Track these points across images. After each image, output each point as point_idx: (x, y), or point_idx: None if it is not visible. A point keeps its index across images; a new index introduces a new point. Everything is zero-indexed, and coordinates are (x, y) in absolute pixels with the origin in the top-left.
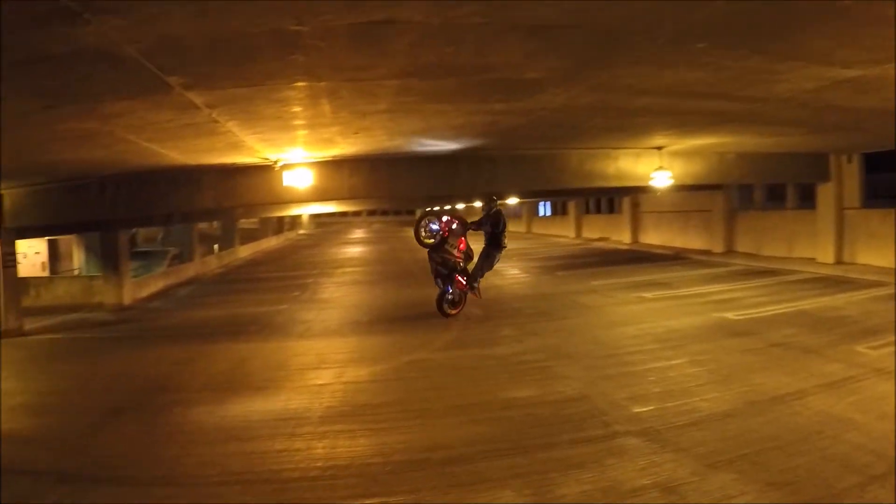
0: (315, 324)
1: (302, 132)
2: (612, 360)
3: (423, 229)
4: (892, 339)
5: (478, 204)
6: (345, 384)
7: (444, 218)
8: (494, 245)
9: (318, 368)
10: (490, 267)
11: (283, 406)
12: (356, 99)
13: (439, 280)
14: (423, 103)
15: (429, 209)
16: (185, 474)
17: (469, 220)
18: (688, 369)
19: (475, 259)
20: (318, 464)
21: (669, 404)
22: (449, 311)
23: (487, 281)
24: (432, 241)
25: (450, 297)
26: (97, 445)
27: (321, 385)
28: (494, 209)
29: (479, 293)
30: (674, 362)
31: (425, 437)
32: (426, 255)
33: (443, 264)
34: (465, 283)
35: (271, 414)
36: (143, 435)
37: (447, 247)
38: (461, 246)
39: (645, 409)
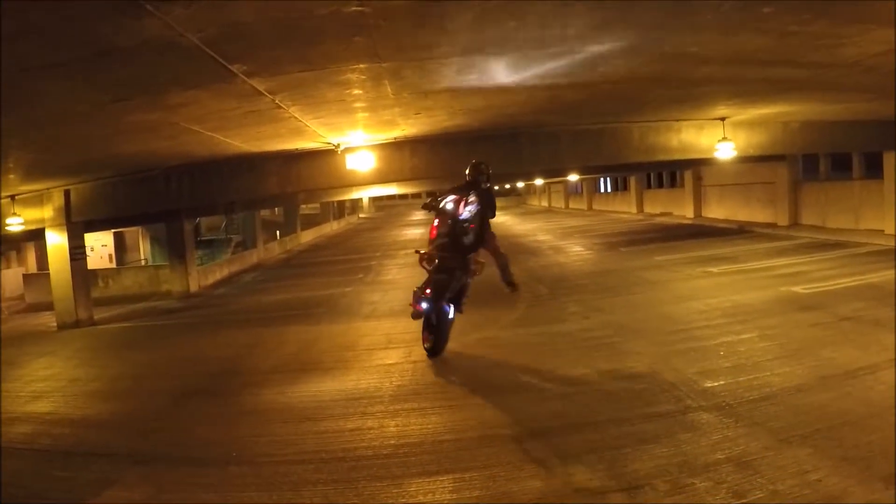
0: (380, 305)
1: (363, 115)
2: (679, 335)
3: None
4: None
5: (536, 182)
6: (414, 363)
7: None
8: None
9: (387, 348)
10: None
11: (354, 386)
12: (418, 79)
13: (446, 305)
14: (484, 80)
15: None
16: (259, 453)
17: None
18: (757, 344)
19: None
20: (391, 441)
21: (741, 379)
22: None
23: (550, 258)
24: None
25: (451, 318)
26: (171, 428)
27: (390, 364)
28: (486, 185)
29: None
30: (743, 337)
31: (495, 415)
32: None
33: (465, 271)
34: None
35: (342, 394)
36: (216, 417)
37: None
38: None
39: (716, 384)
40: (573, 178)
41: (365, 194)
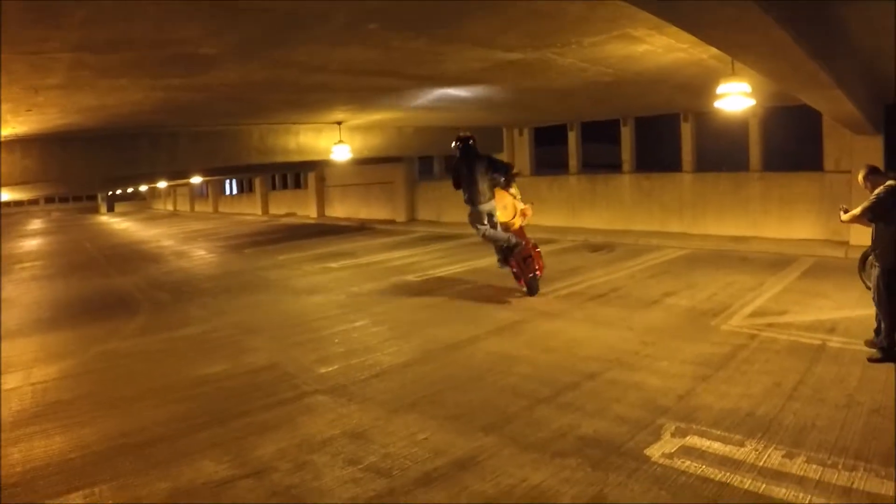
0: None
1: None
2: (298, 328)
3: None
4: (554, 287)
5: (161, 185)
6: (33, 385)
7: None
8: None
9: (5, 373)
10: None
11: None
12: (28, 74)
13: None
14: (98, 78)
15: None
16: None
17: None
18: (370, 329)
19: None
20: (17, 469)
21: (353, 361)
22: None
23: (173, 264)
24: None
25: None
26: None
27: (8, 389)
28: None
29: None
30: (357, 324)
31: (121, 425)
32: (112, 243)
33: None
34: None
35: None
36: None
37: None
38: None
39: (331, 369)
40: (197, 180)
41: None
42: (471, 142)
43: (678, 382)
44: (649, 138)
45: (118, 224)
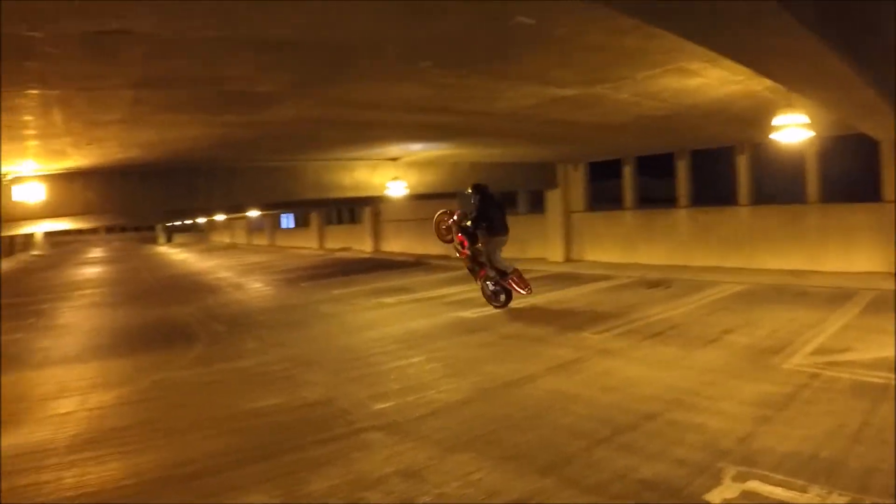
0: (53, 351)
1: (33, 143)
2: (354, 363)
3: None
4: (612, 324)
5: (218, 217)
6: (90, 410)
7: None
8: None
9: (61, 397)
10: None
11: (26, 440)
12: (88, 109)
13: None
14: (157, 114)
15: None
16: None
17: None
18: (425, 366)
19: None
20: (69, 493)
21: (409, 398)
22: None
23: (230, 296)
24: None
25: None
26: None
27: (65, 413)
28: (476, 198)
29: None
30: (412, 360)
31: (174, 454)
32: (170, 274)
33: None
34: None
35: (15, 448)
36: None
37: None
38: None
39: (386, 405)
40: (254, 213)
41: (37, 229)
42: (488, 189)
43: (739, 424)
44: (705, 171)
45: (176, 255)
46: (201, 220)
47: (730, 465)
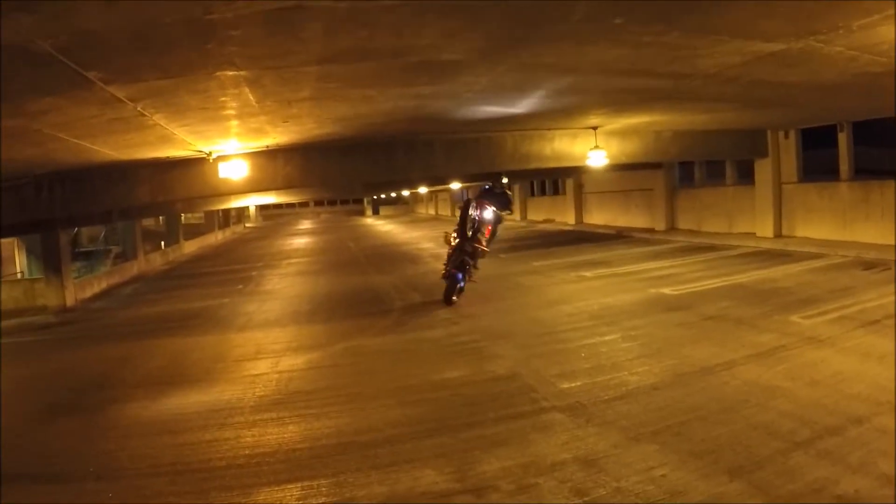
0: (256, 315)
1: (232, 122)
2: (545, 338)
3: (469, 222)
4: (822, 308)
5: (421, 190)
6: (279, 373)
7: (474, 203)
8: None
9: (255, 359)
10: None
11: (217, 398)
12: (279, 87)
13: (458, 273)
14: (347, 89)
15: (467, 194)
16: (117, 468)
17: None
18: (620, 344)
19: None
20: (245, 452)
21: (598, 379)
22: (456, 298)
23: (429, 266)
24: (471, 232)
25: (461, 285)
26: (31, 445)
27: (256, 375)
28: (500, 189)
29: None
30: (607, 338)
31: (353, 422)
32: (373, 244)
33: (472, 255)
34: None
35: (204, 405)
36: (79, 433)
37: (479, 236)
38: (487, 233)
39: (573, 385)
40: (456, 185)
41: (246, 203)
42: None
43: None
44: None
45: (381, 226)
46: (406, 193)
47: None
